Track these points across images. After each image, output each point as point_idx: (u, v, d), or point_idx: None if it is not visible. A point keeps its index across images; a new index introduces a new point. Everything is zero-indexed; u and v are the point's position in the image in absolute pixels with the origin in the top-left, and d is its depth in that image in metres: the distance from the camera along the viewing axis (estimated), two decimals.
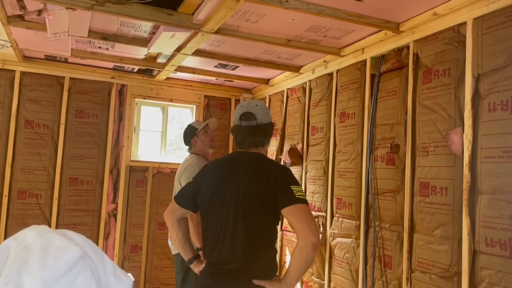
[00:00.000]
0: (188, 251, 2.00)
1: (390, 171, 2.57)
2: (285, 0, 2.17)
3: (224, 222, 1.79)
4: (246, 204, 1.76)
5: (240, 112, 1.91)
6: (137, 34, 2.99)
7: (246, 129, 1.88)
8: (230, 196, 1.79)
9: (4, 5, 2.46)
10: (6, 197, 3.69)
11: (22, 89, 3.80)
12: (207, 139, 3.04)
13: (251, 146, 1.90)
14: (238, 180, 1.80)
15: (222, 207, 1.80)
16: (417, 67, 2.42)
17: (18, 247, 0.80)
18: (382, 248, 2.57)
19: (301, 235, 1.62)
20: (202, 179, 1.92)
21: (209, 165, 1.99)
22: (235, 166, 1.86)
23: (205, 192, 1.87)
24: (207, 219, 1.86)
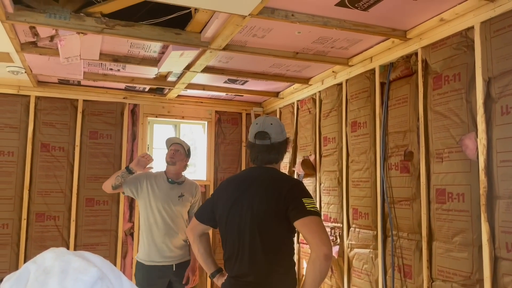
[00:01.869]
0: (211, 265, 2.03)
1: (405, 179, 2.54)
2: (291, 14, 2.19)
3: (242, 237, 1.84)
4: (260, 218, 1.81)
5: (255, 131, 1.96)
6: (147, 55, 3.04)
7: (260, 147, 1.94)
8: (245, 211, 1.84)
9: (18, 33, 2.53)
10: (25, 220, 3.74)
11: (37, 113, 3.88)
12: (167, 156, 3.05)
13: (264, 163, 1.96)
14: (252, 195, 1.86)
15: (239, 222, 1.86)
16: (427, 73, 2.42)
17: (37, 270, 0.81)
18: (401, 257, 2.54)
19: (313, 246, 1.66)
20: (218, 195, 1.99)
21: (225, 182, 2.07)
22: (249, 182, 1.92)
23: (221, 208, 1.93)
24: (225, 234, 1.92)
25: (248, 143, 2.02)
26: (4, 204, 3.71)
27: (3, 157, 3.75)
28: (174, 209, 2.96)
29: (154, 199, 2.94)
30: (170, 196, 2.97)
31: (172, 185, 3.01)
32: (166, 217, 2.93)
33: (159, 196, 2.95)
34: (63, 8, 2.25)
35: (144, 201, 2.97)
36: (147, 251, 2.94)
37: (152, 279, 2.91)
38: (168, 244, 2.93)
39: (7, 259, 3.67)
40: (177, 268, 2.95)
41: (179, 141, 3.10)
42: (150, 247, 2.93)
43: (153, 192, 2.96)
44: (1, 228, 3.68)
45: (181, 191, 3.03)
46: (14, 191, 3.75)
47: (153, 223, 2.94)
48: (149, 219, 2.95)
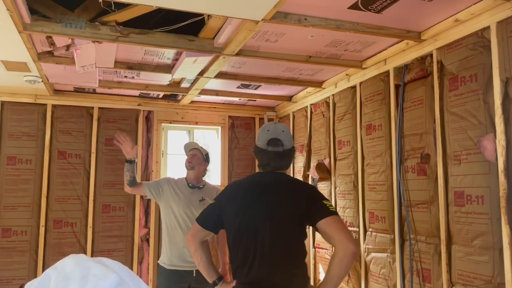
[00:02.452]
0: (213, 273, 1.98)
1: (422, 182, 2.51)
2: (304, 18, 2.19)
3: (260, 241, 1.80)
4: (281, 222, 1.81)
5: (268, 137, 1.93)
6: (160, 62, 3.07)
7: (273, 154, 1.92)
8: (263, 216, 1.83)
9: (35, 42, 2.58)
10: (43, 227, 3.79)
11: (54, 121, 3.94)
12: (185, 161, 3.09)
13: (275, 169, 1.94)
14: (271, 200, 1.85)
15: (255, 227, 1.83)
16: (442, 74, 2.39)
17: (58, 277, 0.82)
18: (419, 261, 2.50)
19: (341, 244, 1.67)
20: (226, 200, 1.95)
21: (232, 187, 2.04)
22: (263, 186, 1.90)
23: (233, 213, 1.89)
24: (238, 239, 1.87)
25: (257, 149, 1.98)
26: (23, 211, 3.77)
27: (21, 165, 3.81)
28: (195, 213, 2.99)
29: (175, 203, 2.99)
30: (191, 200, 3.02)
31: (192, 189, 3.06)
32: (187, 221, 2.97)
33: (180, 200, 2.99)
34: (79, 17, 2.28)
35: (165, 205, 3.02)
36: (168, 255, 2.97)
37: (173, 283, 2.94)
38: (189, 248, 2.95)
39: (25, 265, 3.73)
40: (198, 274, 2.97)
41: (196, 146, 3.14)
42: (171, 251, 2.96)
43: (174, 196, 3.00)
44: (20, 235, 3.74)
45: (202, 195, 3.07)
46: (32, 198, 3.80)
47: (174, 227, 2.98)
48: (171, 223, 2.99)
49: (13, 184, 3.77)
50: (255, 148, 2.00)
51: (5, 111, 3.82)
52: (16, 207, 3.75)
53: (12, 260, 3.70)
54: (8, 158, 3.78)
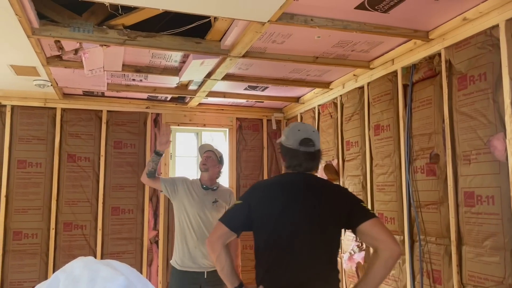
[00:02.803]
0: (235, 279, 1.87)
1: (432, 182, 2.49)
2: (310, 19, 2.19)
3: (298, 244, 1.74)
4: (322, 226, 1.77)
5: (300, 137, 1.87)
6: (168, 64, 3.08)
7: (305, 154, 1.86)
8: (303, 218, 1.76)
9: (43, 47, 2.60)
10: (53, 230, 3.82)
11: (64, 124, 3.97)
12: (200, 163, 3.14)
13: (306, 170, 1.88)
14: (310, 202, 1.79)
15: (294, 229, 1.76)
16: (451, 74, 2.37)
17: (66, 279, 0.83)
18: (429, 263, 2.48)
19: (387, 245, 1.65)
20: (258, 200, 1.85)
21: (262, 187, 1.96)
22: (301, 188, 1.84)
23: (266, 214, 1.80)
24: (272, 241, 1.78)
25: (285, 149, 1.90)
26: (33, 214, 3.80)
27: (32, 168, 3.85)
28: (208, 215, 3.02)
29: (189, 203, 3.02)
30: (204, 201, 3.04)
31: (206, 191, 3.09)
32: (200, 222, 2.99)
33: (193, 201, 3.02)
34: (87, 21, 2.30)
35: (179, 204, 3.05)
36: (180, 256, 3.00)
37: (184, 285, 2.96)
38: (201, 250, 2.97)
39: (36, 268, 3.76)
40: (208, 276, 2.98)
41: (211, 148, 3.19)
42: (183, 252, 2.98)
43: (187, 197, 3.03)
44: (31, 237, 3.77)
45: (215, 197, 3.10)
46: (42, 201, 3.84)
47: (186, 227, 3.00)
48: (183, 224, 3.02)
49: (23, 187, 3.81)
50: (283, 148, 1.93)
51: (15, 115, 3.86)
52: (26, 210, 3.79)
53: (23, 262, 3.73)
54: (18, 161, 3.82)
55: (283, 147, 1.93)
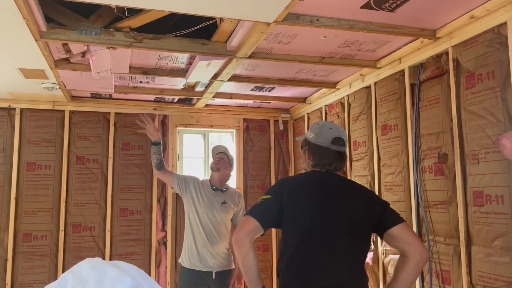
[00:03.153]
0: (260, 280, 1.72)
1: (440, 182, 2.47)
2: (316, 19, 2.18)
3: (335, 246, 1.69)
4: (358, 227, 1.74)
5: (333, 136, 1.84)
6: (174, 66, 3.09)
7: (335, 154, 1.83)
8: (340, 219, 1.72)
9: (51, 50, 2.63)
10: (62, 231, 3.85)
11: (72, 127, 4.00)
12: (212, 163, 3.20)
13: (335, 170, 1.85)
14: (346, 202, 1.76)
15: (330, 229, 1.70)
16: (459, 72, 2.35)
17: (74, 280, 0.83)
18: (438, 263, 2.46)
19: (418, 249, 1.67)
20: (290, 196, 1.74)
21: (292, 182, 1.87)
22: (335, 187, 1.80)
23: (300, 212, 1.72)
24: (305, 240, 1.70)
25: (314, 147, 1.85)
26: (43, 216, 3.83)
27: (41, 170, 3.88)
28: (217, 216, 3.05)
29: (198, 203, 3.05)
30: (213, 202, 3.07)
31: (215, 192, 3.12)
32: (208, 222, 3.02)
33: (203, 201, 3.06)
34: (94, 24, 2.32)
35: (189, 202, 3.09)
36: (188, 255, 3.02)
37: (193, 285, 2.98)
38: (209, 250, 2.99)
39: (46, 269, 3.79)
40: (217, 277, 3.00)
41: (225, 151, 3.23)
42: (191, 251, 3.01)
43: (197, 196, 3.07)
44: (40, 239, 3.81)
45: (224, 198, 3.13)
46: (51, 203, 3.87)
47: (195, 226, 3.03)
48: (191, 223, 3.06)
49: (33, 189, 3.84)
50: (310, 145, 1.87)
51: (25, 118, 3.89)
52: (36, 212, 3.82)
53: (33, 264, 3.76)
54: (28, 164, 3.86)
55: (310, 144, 1.88)
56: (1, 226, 3.73)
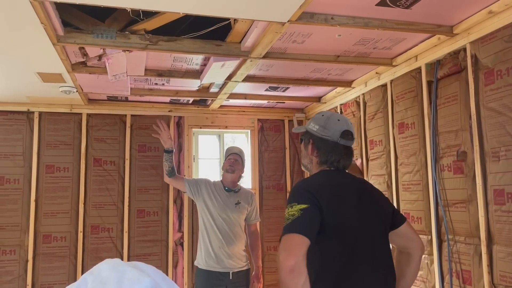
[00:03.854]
0: None
1: (459, 180, 2.43)
2: (330, 18, 2.17)
3: (372, 249, 1.55)
4: (386, 229, 1.64)
5: (342, 128, 1.64)
6: (189, 68, 3.11)
7: (343, 149, 1.64)
8: (372, 221, 1.59)
9: (68, 54, 2.67)
10: (81, 232, 3.91)
11: (89, 129, 4.06)
12: (226, 164, 3.18)
13: (344, 168, 1.67)
14: (373, 206, 1.63)
15: (368, 232, 1.56)
16: (477, 69, 2.30)
17: (94, 281, 0.84)
18: (458, 263, 2.42)
19: (420, 244, 1.67)
20: (328, 203, 1.50)
21: (321, 187, 1.57)
22: (359, 190, 1.64)
23: (340, 217, 1.51)
24: (346, 247, 1.51)
25: (321, 141, 1.65)
26: (62, 218, 3.89)
27: (59, 172, 3.94)
28: (231, 216, 3.06)
29: (212, 205, 3.06)
30: (227, 203, 3.08)
31: (228, 193, 3.13)
32: (223, 224, 3.03)
33: (216, 202, 3.06)
34: (109, 27, 2.34)
35: (202, 205, 3.10)
36: (204, 256, 3.03)
37: (210, 286, 2.99)
38: (226, 250, 3.00)
39: (65, 270, 3.85)
40: (234, 277, 3.01)
41: (239, 152, 3.23)
42: (207, 252, 3.02)
43: (210, 199, 3.08)
44: (60, 241, 3.87)
45: (237, 199, 3.14)
46: (70, 205, 3.93)
47: (210, 228, 3.04)
48: (206, 225, 3.06)
49: (52, 191, 3.90)
50: (315, 139, 1.67)
51: (43, 121, 3.96)
52: (55, 214, 3.89)
53: (53, 265, 3.82)
54: (47, 166, 3.92)
55: (315, 137, 1.67)
56: (22, 228, 3.80)
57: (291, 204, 1.49)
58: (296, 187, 1.59)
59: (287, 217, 1.46)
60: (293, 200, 1.50)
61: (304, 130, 1.74)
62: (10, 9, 1.90)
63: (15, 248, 3.77)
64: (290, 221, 1.44)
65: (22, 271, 3.76)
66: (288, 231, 1.42)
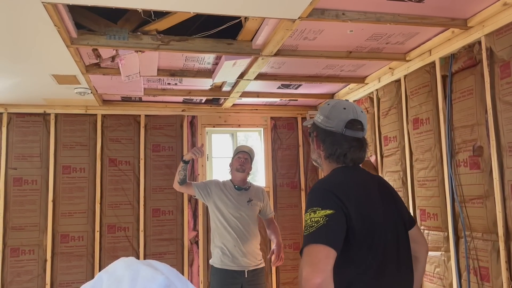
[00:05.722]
0: None
1: (476, 176, 2.39)
2: (342, 13, 2.15)
3: (397, 254, 1.44)
4: (407, 229, 1.53)
5: (347, 118, 1.48)
6: (201, 67, 3.12)
7: (351, 141, 1.47)
8: (396, 223, 1.48)
9: (82, 56, 2.70)
10: (98, 232, 3.96)
11: (104, 130, 4.10)
12: (236, 163, 3.19)
13: (353, 162, 1.50)
14: (393, 203, 1.53)
15: (394, 237, 1.44)
16: (492, 62, 2.26)
17: (109, 279, 0.85)
18: (476, 259, 2.38)
19: (426, 247, 1.63)
20: (355, 205, 1.36)
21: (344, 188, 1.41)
22: (377, 186, 1.52)
23: (368, 222, 1.37)
24: (377, 256, 1.37)
25: (325, 132, 1.50)
26: (79, 217, 3.95)
27: (76, 173, 4.00)
28: (244, 215, 3.07)
29: (224, 205, 3.07)
30: (239, 202, 3.09)
31: (239, 191, 3.14)
32: (237, 222, 3.04)
33: (229, 201, 3.08)
34: (122, 28, 2.36)
35: (214, 206, 3.11)
36: (219, 255, 3.04)
37: (226, 284, 3.00)
38: (241, 249, 3.01)
39: (83, 269, 3.90)
40: (249, 275, 3.01)
41: (249, 151, 3.24)
42: (222, 252, 3.04)
43: (222, 198, 3.09)
44: (77, 240, 3.92)
45: (249, 196, 3.15)
46: (87, 205, 3.98)
47: (223, 229, 3.05)
48: (219, 225, 3.07)
49: (69, 192, 3.96)
50: (319, 131, 1.53)
51: (59, 122, 4.02)
52: (72, 214, 3.95)
53: (71, 264, 3.89)
54: (63, 167, 3.98)
55: (319, 129, 1.53)
56: (40, 228, 3.87)
57: (313, 208, 1.31)
58: (318, 189, 1.42)
59: (310, 224, 1.28)
60: (316, 203, 1.33)
61: (311, 123, 1.61)
62: (24, 13, 1.93)
63: (34, 248, 3.85)
64: (314, 229, 1.27)
65: (41, 270, 3.83)
66: (312, 241, 1.25)
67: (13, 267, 3.80)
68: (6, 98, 3.65)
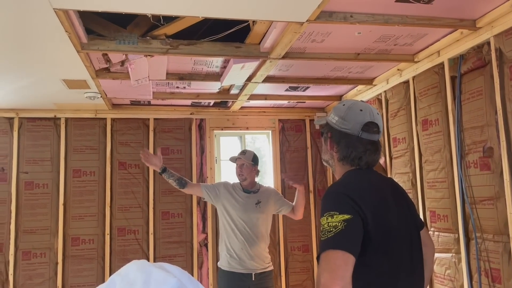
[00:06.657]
0: None
1: (486, 177, 2.37)
2: (350, 15, 2.16)
3: (411, 258, 1.42)
4: (419, 232, 1.52)
5: (364, 120, 1.45)
6: (210, 70, 3.14)
7: (367, 144, 1.45)
8: (410, 226, 1.47)
9: (92, 61, 2.73)
10: (108, 235, 3.99)
11: (114, 134, 4.14)
12: (236, 172, 3.24)
13: (367, 165, 1.48)
14: (406, 205, 1.51)
15: (409, 240, 1.44)
16: (502, 62, 2.25)
17: (122, 282, 0.86)
18: (487, 261, 2.36)
19: (433, 250, 1.63)
20: (373, 209, 1.33)
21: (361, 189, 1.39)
22: (390, 189, 1.51)
23: (385, 227, 1.35)
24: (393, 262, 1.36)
25: (340, 134, 1.47)
26: (89, 221, 3.99)
27: (86, 176, 4.04)
28: (252, 217, 3.07)
29: (232, 207, 3.08)
30: (247, 205, 3.10)
31: (248, 194, 3.15)
32: (245, 225, 3.04)
33: (237, 204, 3.08)
34: (131, 33, 2.39)
35: (222, 208, 3.12)
36: (226, 258, 3.06)
37: (233, 287, 3.01)
38: (248, 252, 3.02)
39: (94, 272, 3.94)
40: (257, 278, 3.01)
41: (240, 156, 3.22)
42: (230, 254, 3.04)
43: (231, 201, 3.10)
44: (88, 243, 3.96)
45: (257, 199, 3.15)
46: (97, 208, 4.02)
47: (231, 231, 3.06)
48: (227, 227, 3.08)
49: (79, 195, 4.00)
50: (334, 132, 1.50)
51: (69, 127, 4.07)
52: (83, 217, 3.98)
53: (82, 267, 3.92)
54: (74, 171, 4.02)
55: (334, 130, 1.49)
56: (51, 231, 3.91)
57: (330, 213, 1.28)
58: (334, 192, 1.40)
59: (328, 228, 1.25)
60: (333, 208, 1.30)
61: (324, 122, 1.57)
62: (35, 19, 1.96)
63: (45, 251, 3.89)
64: (333, 234, 1.24)
65: (53, 273, 3.87)
66: (330, 247, 1.22)
67: (25, 270, 3.84)
68: (17, 103, 3.70)
